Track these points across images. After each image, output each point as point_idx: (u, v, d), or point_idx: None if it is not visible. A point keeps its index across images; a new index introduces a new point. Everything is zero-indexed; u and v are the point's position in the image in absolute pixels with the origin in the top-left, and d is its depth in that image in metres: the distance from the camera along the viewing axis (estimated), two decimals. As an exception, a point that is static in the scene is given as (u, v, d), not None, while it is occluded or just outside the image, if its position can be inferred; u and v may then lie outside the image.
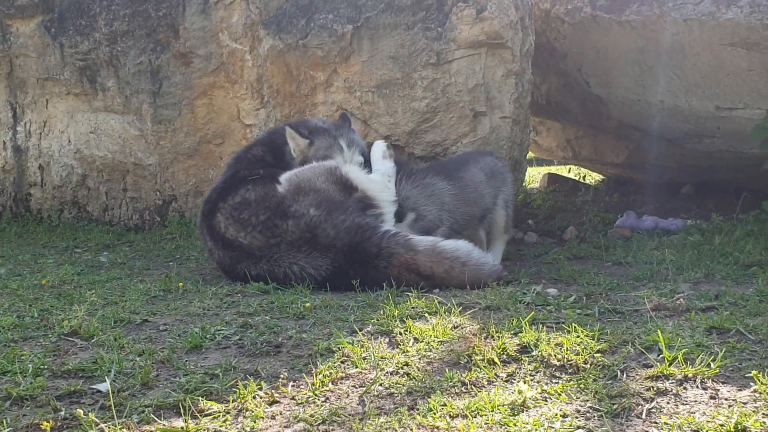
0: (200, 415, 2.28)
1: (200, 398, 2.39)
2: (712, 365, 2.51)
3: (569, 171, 9.68)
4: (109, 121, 6.37)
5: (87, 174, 6.65)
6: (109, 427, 2.19)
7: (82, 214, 6.84)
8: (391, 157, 4.61)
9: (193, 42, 5.93)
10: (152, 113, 6.12)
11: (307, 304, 3.54)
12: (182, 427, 2.20)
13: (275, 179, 4.44)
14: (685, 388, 2.39)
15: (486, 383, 2.50)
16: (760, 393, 2.30)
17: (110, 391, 2.41)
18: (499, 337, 2.86)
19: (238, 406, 2.35)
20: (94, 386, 2.53)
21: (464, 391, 2.44)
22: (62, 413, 2.29)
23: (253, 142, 5.16)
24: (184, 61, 6.01)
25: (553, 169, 9.94)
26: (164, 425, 2.22)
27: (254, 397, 2.41)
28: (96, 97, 6.36)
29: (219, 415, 2.29)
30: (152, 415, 2.28)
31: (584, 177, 9.21)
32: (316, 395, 2.44)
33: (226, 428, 2.21)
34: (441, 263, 4.02)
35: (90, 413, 2.25)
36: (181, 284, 4.16)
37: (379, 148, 4.66)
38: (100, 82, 6.31)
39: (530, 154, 8.24)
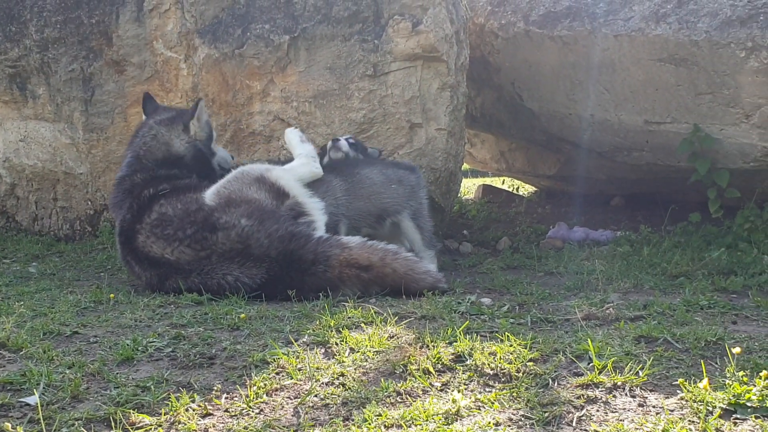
0: (131, 429, 2.25)
1: (132, 411, 2.36)
2: (640, 373, 2.57)
3: (503, 182, 9.81)
4: (40, 129, 6.23)
5: (16, 183, 6.50)
6: (37, 442, 2.15)
7: (10, 223, 6.68)
8: (308, 140, 4.75)
9: (127, 50, 5.85)
10: (84, 121, 6.01)
11: (242, 315, 3.52)
12: (113, 441, 2.17)
13: (187, 189, 4.45)
14: (614, 396, 2.44)
15: (421, 393, 2.52)
16: (687, 400, 2.36)
17: (39, 404, 2.36)
18: (434, 346, 2.89)
19: (170, 418, 2.33)
20: (22, 399, 2.47)
21: (399, 400, 2.45)
22: (-11, 427, 2.24)
23: (122, 173, 4.85)
24: (117, 68, 5.92)
25: (487, 181, 10.06)
26: (94, 439, 2.18)
27: (187, 410, 2.38)
28: (26, 104, 6.22)
29: (151, 428, 2.26)
30: (82, 429, 2.24)
31: (518, 188, 9.33)
32: (250, 407, 2.42)
33: (158, 441, 2.18)
34: (375, 253, 4.12)
35: (18, 426, 2.21)
36: (112, 295, 4.09)
37: (295, 134, 4.75)
38: (30, 90, 6.17)
39: (465, 166, 8.32)
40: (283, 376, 2.69)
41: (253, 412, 2.39)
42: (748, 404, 2.28)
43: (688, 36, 4.99)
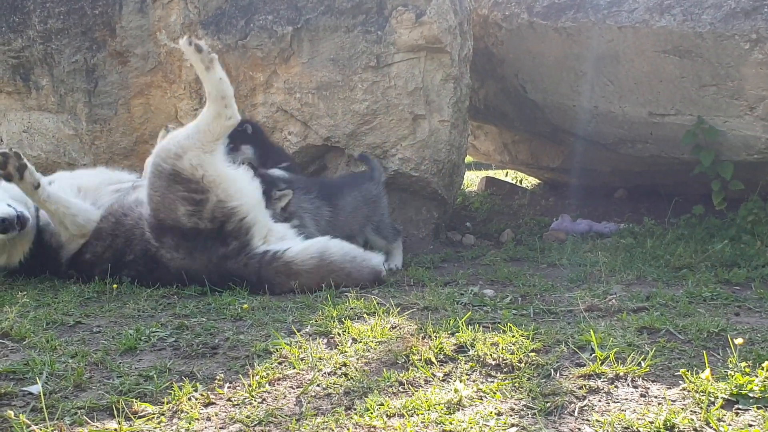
0: (134, 417, 2.25)
1: (134, 400, 2.37)
2: (642, 364, 2.57)
3: (506, 175, 9.79)
4: (43, 121, 6.23)
5: (19, 174, 6.50)
6: (40, 429, 2.15)
7: (13, 214, 6.68)
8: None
9: (130, 41, 5.85)
10: (87, 112, 6.01)
11: (245, 306, 3.52)
12: (116, 429, 2.17)
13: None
14: (616, 387, 2.44)
15: (423, 383, 2.52)
16: (689, 391, 2.37)
17: (42, 393, 2.37)
18: (436, 337, 2.89)
19: (172, 407, 2.33)
20: (25, 388, 2.48)
21: (401, 390, 2.46)
22: (-8, 416, 2.25)
23: None
24: (120, 60, 5.92)
25: (490, 173, 10.04)
26: (97, 427, 2.19)
27: (189, 399, 2.39)
28: (29, 95, 6.22)
29: (153, 417, 2.26)
30: (85, 417, 2.24)
31: (521, 181, 9.32)
32: (252, 396, 2.43)
33: (160, 430, 2.19)
34: (313, 255, 4.02)
35: (21, 415, 2.21)
36: (115, 285, 4.10)
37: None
38: (33, 81, 6.17)
39: (469, 158, 8.31)
40: (285, 365, 2.69)
41: (255, 401, 2.40)
42: (750, 395, 2.28)
43: (693, 28, 4.97)
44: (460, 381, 2.51)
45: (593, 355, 2.66)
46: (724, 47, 4.90)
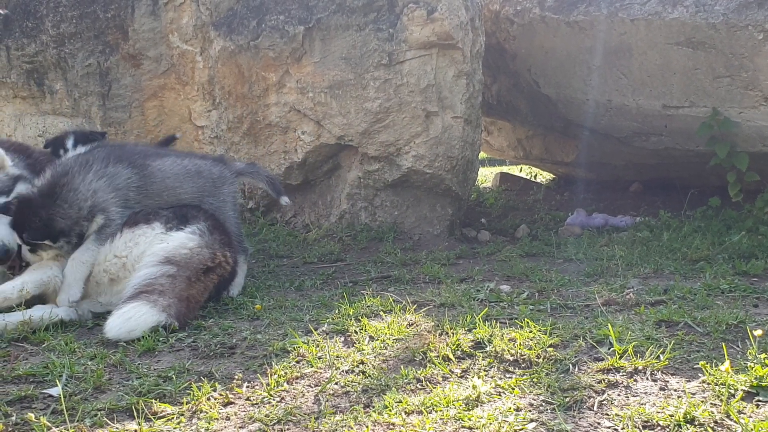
0: (154, 418, 2.26)
1: (154, 401, 2.38)
2: (661, 357, 2.56)
3: (521, 170, 9.77)
4: (58, 124, 6.26)
5: (35, 178, 6.53)
6: (61, 431, 2.16)
7: (30, 218, 6.72)
8: None
9: (143, 43, 5.87)
10: (101, 116, 6.04)
11: (257, 306, 3.53)
12: (135, 430, 2.18)
13: None
14: (635, 380, 2.43)
15: (441, 379, 2.52)
16: (708, 383, 2.35)
17: (62, 396, 2.38)
18: (453, 333, 2.89)
19: (192, 407, 2.34)
20: (45, 391, 2.50)
21: (419, 387, 2.46)
22: (13, 418, 2.26)
23: None
24: (133, 62, 5.94)
25: (505, 169, 10.02)
26: (117, 428, 2.20)
27: (208, 399, 2.40)
28: (44, 99, 6.26)
29: (173, 417, 2.27)
30: (105, 419, 2.25)
31: (535, 176, 9.30)
32: (271, 395, 2.43)
33: (180, 430, 2.20)
34: None
35: (42, 417, 2.23)
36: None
37: None
38: (48, 85, 6.21)
39: (482, 154, 8.30)
40: (303, 364, 2.70)
41: (274, 400, 2.40)
42: (771, 387, 2.27)
43: (705, 19, 4.94)
44: (478, 377, 2.51)
45: (611, 349, 2.66)
46: (737, 38, 4.87)
